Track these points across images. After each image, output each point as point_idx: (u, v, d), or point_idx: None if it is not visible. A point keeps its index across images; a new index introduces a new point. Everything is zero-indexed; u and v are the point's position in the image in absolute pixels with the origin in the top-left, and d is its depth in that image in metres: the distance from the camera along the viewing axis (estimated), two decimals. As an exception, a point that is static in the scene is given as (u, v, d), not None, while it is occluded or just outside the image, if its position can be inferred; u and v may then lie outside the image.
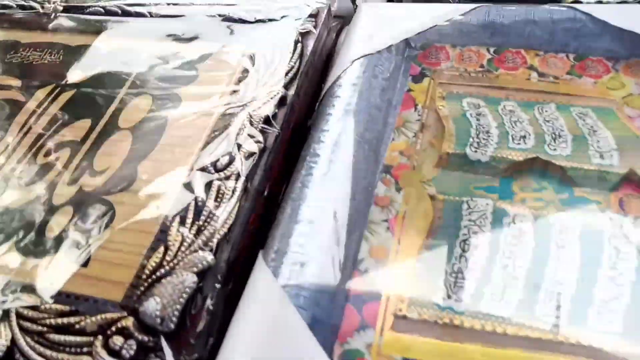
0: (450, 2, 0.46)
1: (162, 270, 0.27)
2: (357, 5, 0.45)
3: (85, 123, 0.36)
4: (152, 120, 0.36)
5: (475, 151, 0.31)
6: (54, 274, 0.28)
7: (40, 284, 0.28)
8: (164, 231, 0.29)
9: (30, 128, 0.37)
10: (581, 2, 0.42)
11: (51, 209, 0.32)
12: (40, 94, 0.39)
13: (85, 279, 0.28)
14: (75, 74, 0.40)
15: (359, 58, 0.37)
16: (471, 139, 0.32)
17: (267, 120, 0.33)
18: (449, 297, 0.25)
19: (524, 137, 0.32)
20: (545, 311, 0.24)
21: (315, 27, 0.39)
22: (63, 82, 0.39)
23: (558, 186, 0.29)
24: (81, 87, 0.39)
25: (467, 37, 0.39)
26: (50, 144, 0.35)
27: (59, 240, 0.30)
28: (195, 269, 0.26)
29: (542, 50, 0.38)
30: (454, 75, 0.37)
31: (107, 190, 0.32)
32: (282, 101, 0.35)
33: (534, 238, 0.27)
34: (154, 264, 0.27)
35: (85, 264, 0.29)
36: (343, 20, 0.46)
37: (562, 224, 0.27)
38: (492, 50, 0.39)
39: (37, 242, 0.30)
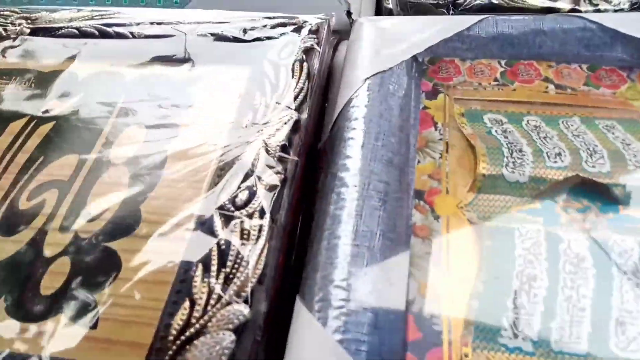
0: (446, 14, 0.46)
1: (192, 330, 0.23)
2: (353, 20, 0.43)
3: (72, 159, 0.32)
4: (149, 153, 0.32)
5: (513, 172, 0.29)
6: (58, 340, 0.24)
7: (44, 353, 0.24)
8: (184, 281, 0.25)
9: (6, 167, 0.32)
10: (580, 11, 0.42)
11: (44, 262, 0.28)
12: (14, 127, 0.34)
13: (96, 343, 0.24)
14: (52, 104, 0.36)
15: (372, 76, 0.35)
16: (506, 159, 0.30)
17: (283, 148, 0.30)
18: (515, 336, 0.23)
19: (559, 154, 0.30)
20: (620, 345, 0.23)
21: (317, 44, 0.37)
22: (39, 113, 0.35)
23: (602, 205, 0.28)
24: (61, 118, 0.35)
25: (476, 50, 0.38)
26: (33, 185, 0.31)
27: (57, 298, 0.26)
28: (231, 326, 0.23)
29: (554, 61, 0.37)
30: (469, 90, 0.36)
31: (108, 235, 0.28)
32: (295, 125, 0.32)
33: (593, 264, 0.25)
34: (180, 322, 0.24)
35: (94, 326, 0.25)
36: (339, 34, 0.44)
37: (618, 246, 0.26)
38: (503, 62, 0.37)
39: (31, 302, 0.26)
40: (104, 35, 0.39)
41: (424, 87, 0.36)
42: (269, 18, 0.39)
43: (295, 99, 0.33)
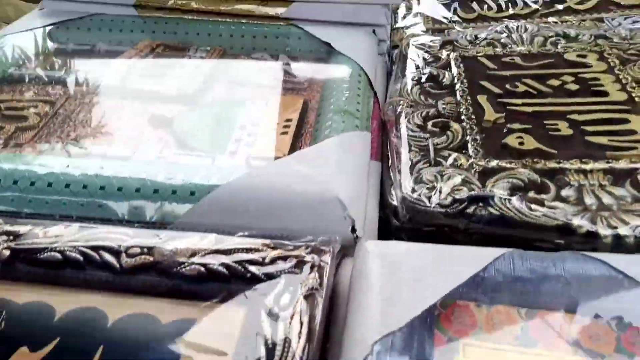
0: (456, 225, 0.41)
1: None
2: (358, 237, 0.39)
3: None
4: None
5: None
6: None
7: None
8: None
9: None
10: (598, 234, 0.38)
11: None
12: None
13: None
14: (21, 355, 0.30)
15: (380, 339, 0.30)
16: None
17: None
18: None
19: None
20: None
21: (320, 285, 0.32)
22: (6, 366, 0.30)
23: None
24: (29, 377, 0.29)
25: (492, 294, 0.33)
26: None
27: None
28: None
29: (579, 313, 0.32)
30: (488, 352, 0.31)
31: None
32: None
33: None
34: None
35: None
36: (343, 249, 0.39)
37: None
38: (523, 312, 0.33)
39: None
40: (89, 261, 0.34)
41: (437, 341, 0.31)
42: (270, 247, 0.34)
43: (293, 377, 0.28)
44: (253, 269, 0.33)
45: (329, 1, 0.59)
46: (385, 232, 0.45)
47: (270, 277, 0.33)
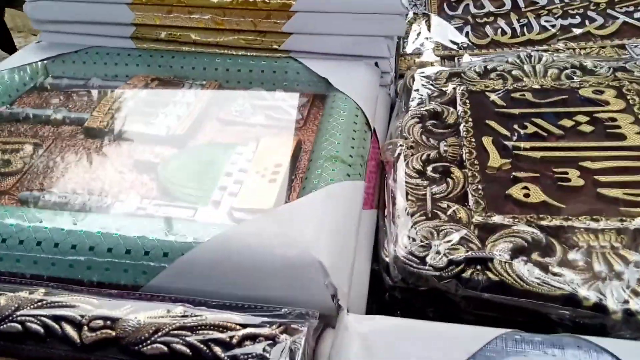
0: (450, 290, 0.38)
1: None
2: (340, 307, 0.36)
3: None
4: None
5: None
6: None
7: None
8: None
9: None
10: (606, 308, 0.34)
11: None
12: None
13: None
14: None
15: None
16: None
17: None
18: None
19: None
20: None
21: (291, 371, 0.29)
22: None
23: None
24: None
25: (482, 386, 0.29)
26: None
27: None
28: None
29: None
30: None
31: None
32: None
33: None
34: None
35: None
36: (323, 320, 0.36)
37: None
38: (516, 408, 0.29)
39: None
40: (49, 333, 0.32)
41: None
42: (239, 325, 0.31)
43: None
44: (218, 351, 0.30)
45: (328, 33, 0.55)
46: (380, 285, 0.42)
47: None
